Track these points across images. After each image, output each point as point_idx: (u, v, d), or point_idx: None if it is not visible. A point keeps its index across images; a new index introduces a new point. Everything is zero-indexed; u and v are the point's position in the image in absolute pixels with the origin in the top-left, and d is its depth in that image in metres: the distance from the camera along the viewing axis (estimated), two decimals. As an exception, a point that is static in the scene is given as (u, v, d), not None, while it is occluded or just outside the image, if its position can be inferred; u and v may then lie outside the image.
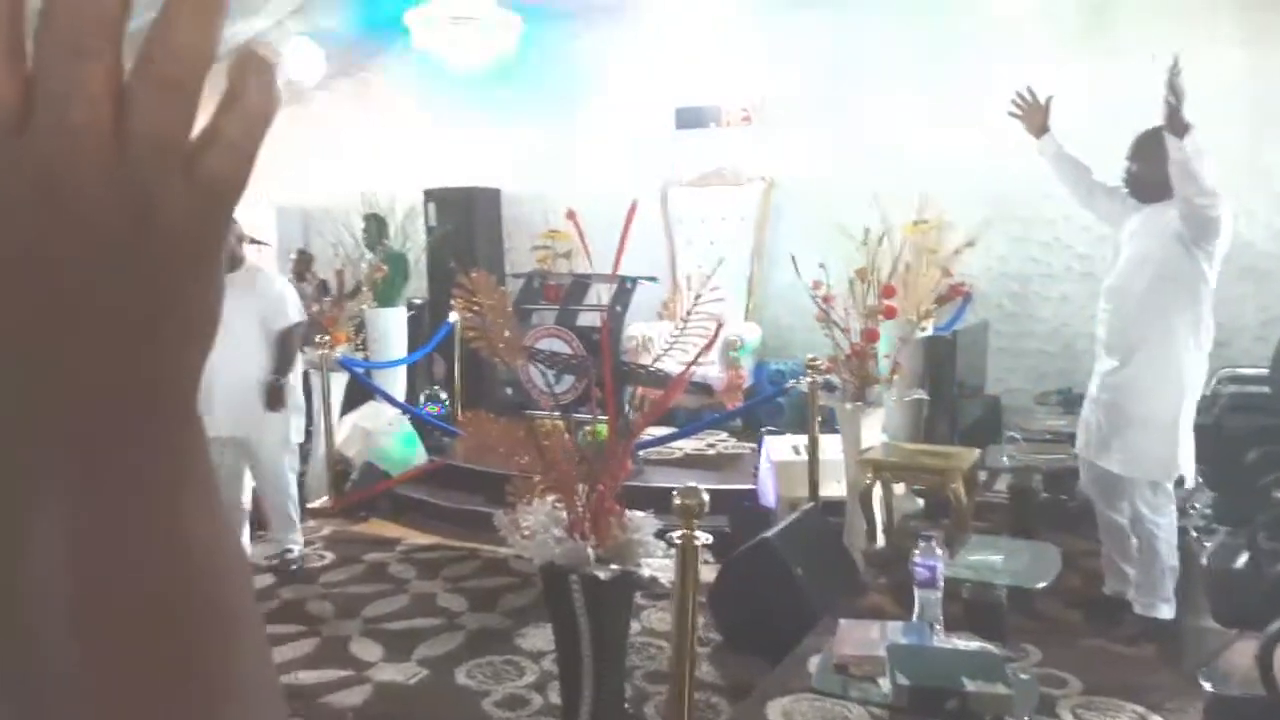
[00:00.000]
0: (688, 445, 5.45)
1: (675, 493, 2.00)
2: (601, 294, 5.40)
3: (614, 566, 2.20)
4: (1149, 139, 3.18)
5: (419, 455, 5.51)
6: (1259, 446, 3.68)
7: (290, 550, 4.31)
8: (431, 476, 5.37)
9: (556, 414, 4.63)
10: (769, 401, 5.18)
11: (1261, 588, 2.57)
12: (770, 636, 3.38)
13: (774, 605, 3.46)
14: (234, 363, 3.85)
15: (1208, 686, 2.94)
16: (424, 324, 6.84)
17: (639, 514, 2.46)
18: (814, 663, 3.11)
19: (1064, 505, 4.44)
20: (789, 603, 3.46)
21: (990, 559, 2.80)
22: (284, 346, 4.08)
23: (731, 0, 6.24)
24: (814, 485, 4.22)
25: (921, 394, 4.44)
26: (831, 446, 4.36)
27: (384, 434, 5.40)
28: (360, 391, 5.61)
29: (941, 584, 2.33)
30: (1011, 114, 3.60)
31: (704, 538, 1.97)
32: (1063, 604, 3.47)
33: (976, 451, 4.13)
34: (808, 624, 3.45)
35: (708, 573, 4.02)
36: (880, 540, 4.20)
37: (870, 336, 4.17)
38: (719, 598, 3.64)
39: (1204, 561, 3.94)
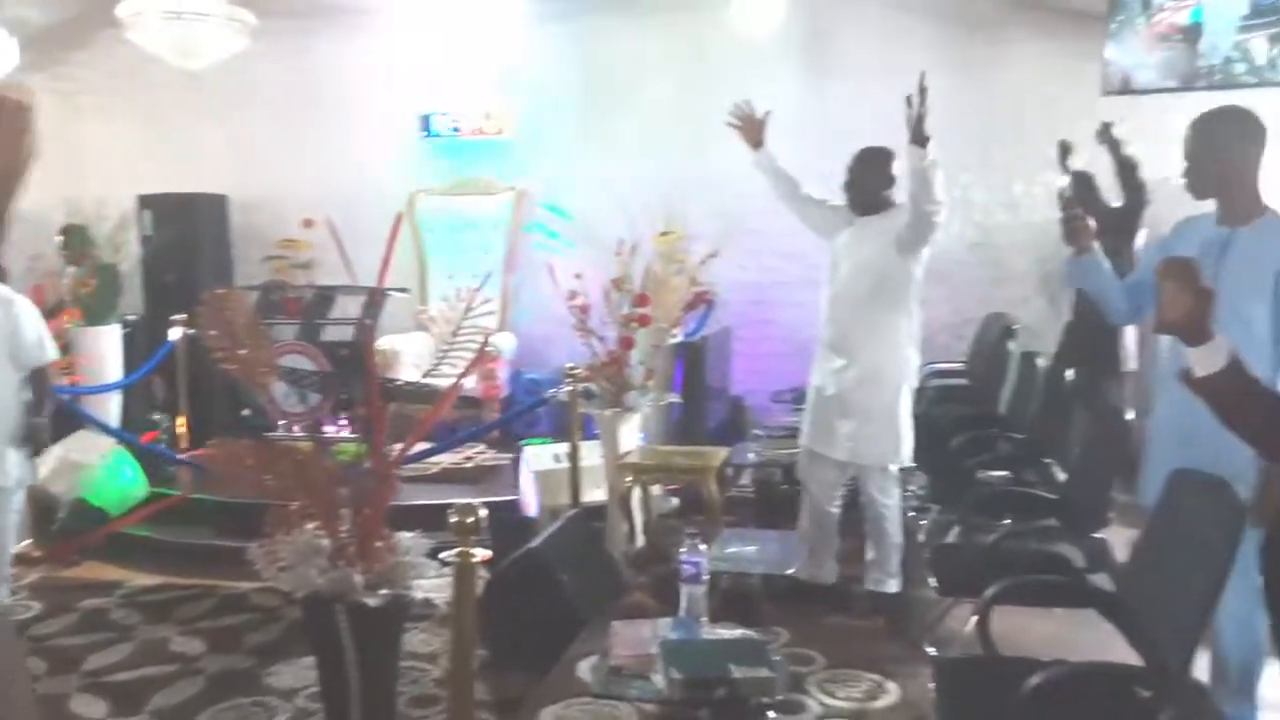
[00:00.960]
0: (444, 459, 5.33)
1: (450, 510, 1.95)
2: (348, 307, 5.17)
3: (384, 591, 2.11)
4: (868, 156, 3.51)
5: (139, 488, 4.99)
6: (962, 433, 4.13)
7: (-11, 606, 3.76)
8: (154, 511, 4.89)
9: (302, 435, 4.38)
10: (530, 411, 5.19)
11: (973, 559, 2.89)
12: (538, 647, 3.37)
13: (541, 615, 3.46)
14: None
15: (932, 651, 3.29)
16: (140, 343, 6.21)
17: (408, 535, 2.37)
18: (584, 667, 3.15)
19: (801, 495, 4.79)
20: (556, 611, 3.47)
21: (745, 550, 2.97)
22: (44, 384, 3.62)
23: (478, 8, 6.20)
24: (576, 492, 4.28)
25: (675, 398, 4.63)
26: (591, 453, 4.45)
27: (97, 466, 4.84)
28: (68, 420, 4.99)
29: (707, 578, 2.44)
30: (730, 124, 3.77)
31: (481, 553, 1.94)
32: (804, 587, 3.73)
33: (725, 450, 4.37)
34: (575, 630, 3.49)
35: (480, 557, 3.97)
36: (640, 540, 4.33)
37: (626, 344, 4.30)
38: (484, 613, 3.58)
39: (921, 538, 4.41)
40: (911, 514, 4.70)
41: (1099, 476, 2.84)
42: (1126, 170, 4.43)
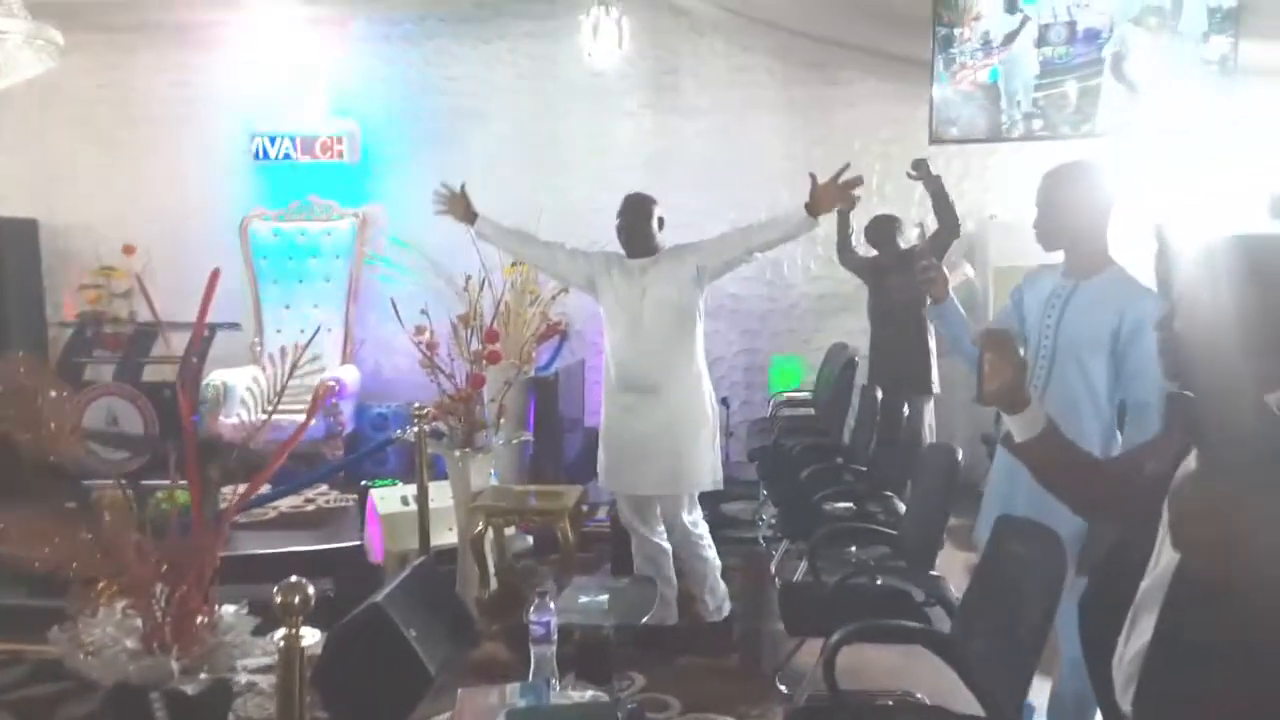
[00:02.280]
0: (283, 503, 5.04)
1: (275, 589, 1.81)
2: (174, 342, 4.83)
3: (204, 676, 1.94)
4: (640, 203, 3.57)
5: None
6: (810, 465, 4.22)
7: None
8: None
9: (119, 484, 4.05)
10: (376, 452, 4.97)
11: (819, 599, 2.94)
12: (384, 707, 3.22)
13: (387, 673, 3.30)
14: None
15: (783, 689, 3.33)
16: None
17: (231, 609, 2.20)
18: (432, 728, 3.03)
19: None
20: (403, 668, 3.32)
21: (597, 600, 2.91)
22: None
23: (314, 23, 5.97)
24: (424, 536, 4.12)
25: (527, 436, 4.53)
26: (441, 493, 4.29)
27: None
28: None
29: (556, 638, 2.37)
30: (439, 211, 3.73)
31: (312, 637, 1.80)
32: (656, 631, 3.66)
33: (579, 489, 4.30)
34: (423, 687, 3.35)
35: (311, 646, 3.75)
36: (493, 583, 4.21)
37: (477, 382, 4.17)
38: (325, 672, 3.38)
39: (773, 569, 4.47)
40: (762, 544, 4.80)
41: (931, 514, 2.95)
42: (942, 206, 4.57)
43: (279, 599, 1.79)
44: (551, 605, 2.38)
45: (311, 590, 1.82)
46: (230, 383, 5.65)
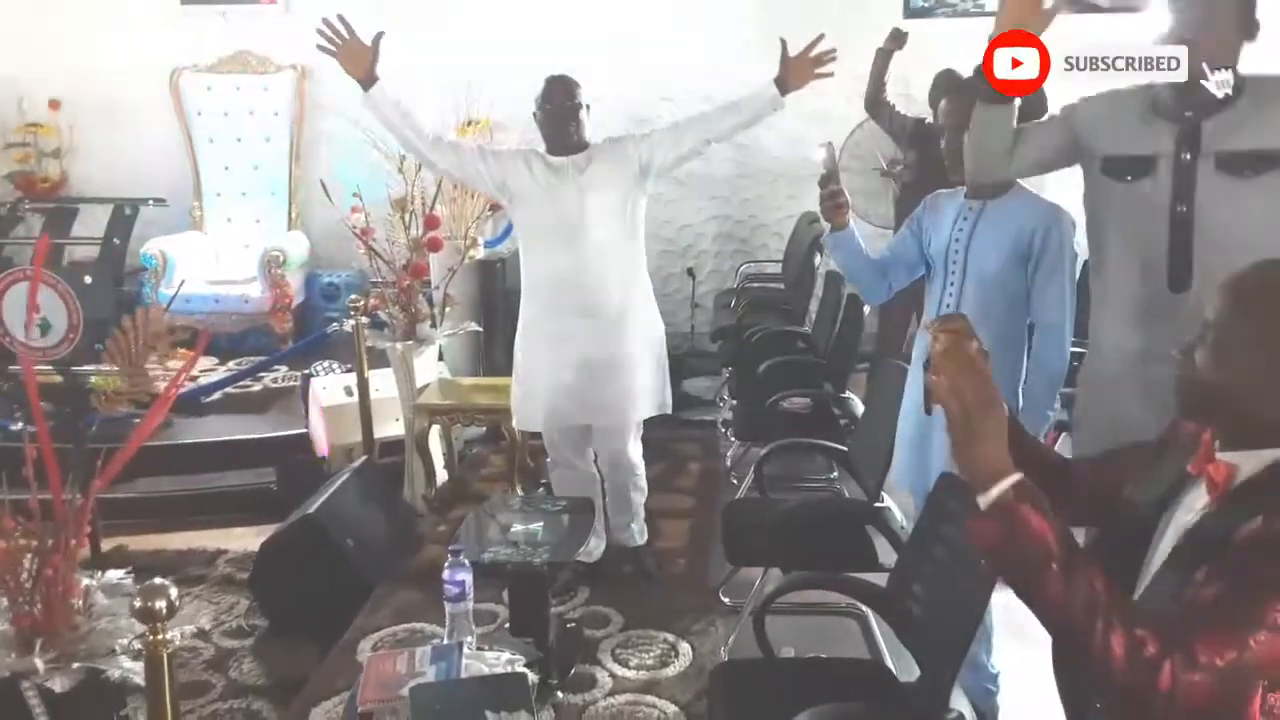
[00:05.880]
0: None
1: (137, 591, 1.64)
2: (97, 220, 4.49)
3: (77, 666, 1.81)
4: (570, 87, 3.02)
5: None
6: (771, 356, 3.98)
7: None
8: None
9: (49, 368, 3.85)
10: (320, 341, 4.68)
11: (763, 524, 2.81)
12: (322, 616, 3.18)
13: (323, 583, 3.24)
14: None
15: (727, 601, 3.27)
16: None
17: (112, 579, 2.05)
18: (364, 650, 2.97)
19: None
20: (340, 579, 3.26)
21: (532, 528, 2.78)
22: None
23: None
24: (368, 433, 3.98)
25: (475, 326, 4.28)
26: (386, 383, 4.13)
27: None
28: None
29: (472, 594, 2.25)
30: (323, 49, 2.85)
31: (177, 639, 1.66)
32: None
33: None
34: (362, 597, 3.29)
35: (251, 542, 3.66)
36: (443, 476, 4.11)
37: (417, 271, 3.91)
38: (262, 579, 3.33)
39: (728, 462, 4.37)
40: (721, 430, 4.68)
41: (880, 438, 2.78)
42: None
43: (138, 603, 1.63)
44: (465, 562, 2.24)
45: (174, 593, 1.66)
46: (169, 252, 5.37)
